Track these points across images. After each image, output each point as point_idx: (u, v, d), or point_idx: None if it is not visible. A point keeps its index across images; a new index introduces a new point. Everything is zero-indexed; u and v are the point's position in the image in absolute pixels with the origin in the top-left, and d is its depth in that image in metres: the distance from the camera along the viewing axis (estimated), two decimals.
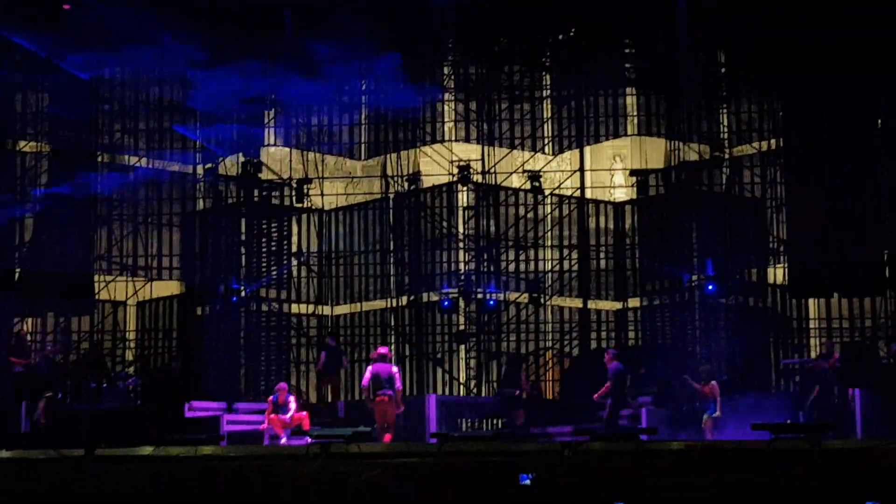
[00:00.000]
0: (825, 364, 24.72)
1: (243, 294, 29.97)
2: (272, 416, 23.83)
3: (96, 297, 30.07)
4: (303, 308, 31.90)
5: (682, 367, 25.12)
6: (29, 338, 28.33)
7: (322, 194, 31.94)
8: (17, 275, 28.58)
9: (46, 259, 28.68)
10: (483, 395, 29.54)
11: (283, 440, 23.53)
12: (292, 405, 24.15)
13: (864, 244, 26.97)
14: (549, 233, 32.13)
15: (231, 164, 30.78)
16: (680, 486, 14.75)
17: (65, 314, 30.38)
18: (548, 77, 33.33)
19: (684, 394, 23.96)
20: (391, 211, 31.90)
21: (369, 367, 21.99)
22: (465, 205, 31.48)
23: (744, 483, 14.73)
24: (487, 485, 14.88)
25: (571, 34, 31.79)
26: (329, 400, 28.38)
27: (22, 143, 29.88)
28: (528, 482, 14.78)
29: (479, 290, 30.40)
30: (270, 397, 24.33)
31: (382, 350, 22.79)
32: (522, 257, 31.62)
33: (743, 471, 15.04)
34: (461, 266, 31.02)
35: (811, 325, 30.31)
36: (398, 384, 21.79)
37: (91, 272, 29.71)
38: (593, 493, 14.64)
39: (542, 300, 31.18)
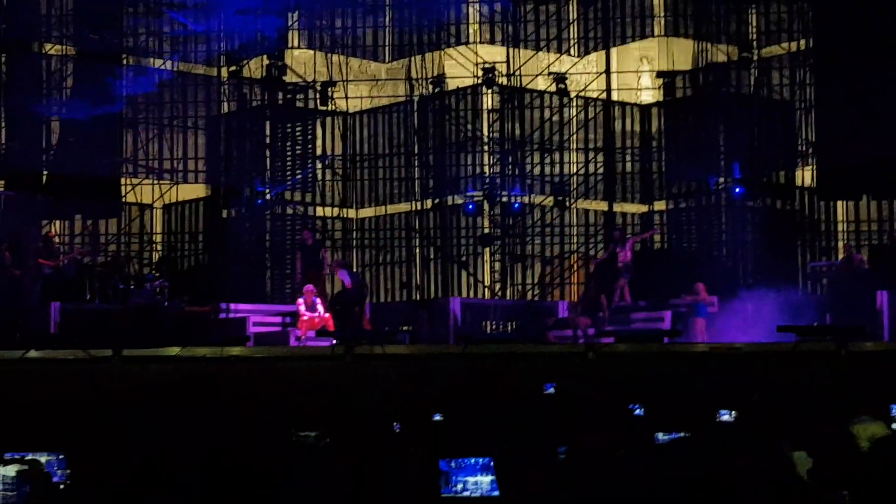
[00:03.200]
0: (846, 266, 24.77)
1: (268, 197, 30.01)
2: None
3: (123, 199, 30.15)
4: (328, 211, 31.95)
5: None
6: (57, 240, 28.46)
7: (346, 97, 31.79)
8: (44, 178, 28.65)
9: (73, 162, 28.70)
10: (507, 298, 29.62)
11: (308, 341, 23.69)
12: (319, 307, 24.28)
13: (894, 145, 26.71)
14: (575, 135, 31.94)
15: (255, 67, 30.64)
16: (704, 388, 14.79)
17: (92, 217, 30.54)
18: None
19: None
20: (415, 114, 31.74)
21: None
22: (490, 107, 31.29)
23: (768, 385, 14.75)
24: (512, 385, 14.96)
25: None
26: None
27: (48, 46, 29.76)
28: (552, 391, 14.85)
29: (503, 193, 30.32)
30: (300, 299, 24.43)
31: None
32: (547, 160, 31.48)
33: (768, 373, 15.07)
34: (486, 169, 30.92)
35: (839, 228, 30.15)
36: None
37: (117, 175, 29.78)
38: (616, 394, 14.70)
39: (567, 203, 31.09)
